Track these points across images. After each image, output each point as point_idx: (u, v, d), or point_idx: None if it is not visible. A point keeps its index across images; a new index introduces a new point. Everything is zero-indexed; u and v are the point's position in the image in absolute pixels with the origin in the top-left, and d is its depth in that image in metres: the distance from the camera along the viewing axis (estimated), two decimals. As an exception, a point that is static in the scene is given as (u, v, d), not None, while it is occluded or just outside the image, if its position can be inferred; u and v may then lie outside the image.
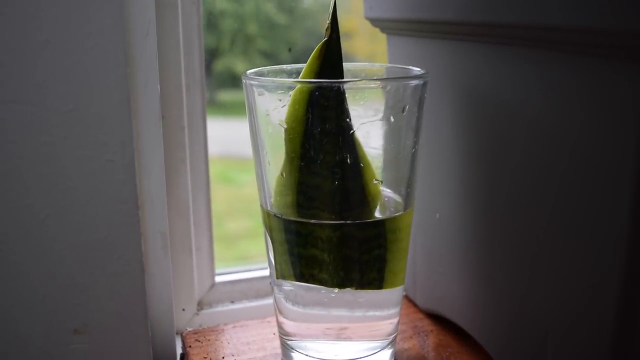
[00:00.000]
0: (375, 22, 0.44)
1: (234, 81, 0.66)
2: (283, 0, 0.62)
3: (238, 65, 0.67)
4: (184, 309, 0.46)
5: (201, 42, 0.45)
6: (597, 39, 0.24)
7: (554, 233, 0.30)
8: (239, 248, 0.66)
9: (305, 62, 0.34)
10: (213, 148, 0.48)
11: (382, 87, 0.32)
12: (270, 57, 0.64)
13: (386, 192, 0.37)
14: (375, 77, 0.37)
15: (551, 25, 0.26)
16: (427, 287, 0.43)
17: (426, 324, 0.43)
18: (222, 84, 0.67)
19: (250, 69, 0.36)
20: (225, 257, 0.56)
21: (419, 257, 0.44)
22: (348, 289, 0.35)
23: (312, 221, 0.34)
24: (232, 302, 0.49)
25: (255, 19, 0.63)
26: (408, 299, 0.46)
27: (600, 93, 0.25)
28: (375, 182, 0.34)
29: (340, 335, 0.37)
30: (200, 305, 0.48)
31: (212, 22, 0.61)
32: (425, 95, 0.35)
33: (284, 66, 0.38)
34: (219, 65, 0.65)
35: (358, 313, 0.37)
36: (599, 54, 0.25)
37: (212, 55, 0.63)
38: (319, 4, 0.65)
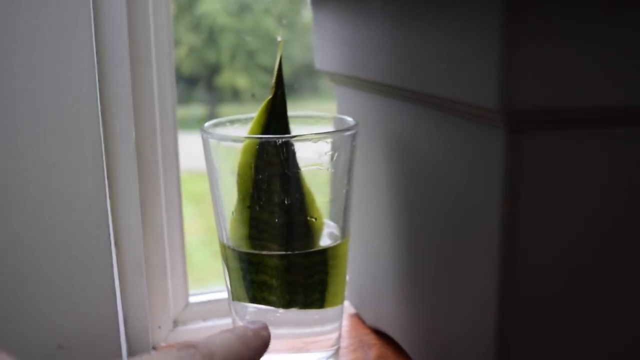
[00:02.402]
0: (323, 73, 0.50)
1: (235, 95, 0.68)
2: (282, 15, 0.65)
3: (239, 80, 0.70)
4: (160, 327, 0.52)
5: (174, 91, 0.51)
6: (464, 107, 0.31)
7: (450, 262, 0.36)
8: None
9: (265, 106, 0.40)
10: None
11: (313, 141, 0.38)
12: (271, 72, 0.67)
13: (330, 224, 0.43)
14: (310, 133, 0.43)
15: (433, 94, 0.33)
16: (371, 306, 0.50)
17: (371, 339, 0.49)
18: (222, 99, 0.69)
19: (252, 83, 0.42)
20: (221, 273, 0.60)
21: (364, 280, 0.50)
22: (293, 309, 0.42)
23: (263, 252, 0.41)
24: (204, 320, 0.55)
25: (255, 34, 0.65)
26: (358, 317, 0.53)
27: (477, 147, 0.32)
28: (310, 218, 0.40)
29: (288, 349, 0.43)
30: (176, 323, 0.54)
31: (212, 37, 0.64)
32: (355, 144, 0.41)
33: (240, 116, 0.45)
34: (220, 80, 0.68)
35: (303, 330, 0.43)
36: (471, 118, 0.32)
37: (213, 70, 0.67)
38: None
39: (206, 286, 0.58)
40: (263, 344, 0.33)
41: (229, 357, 0.30)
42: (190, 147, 0.54)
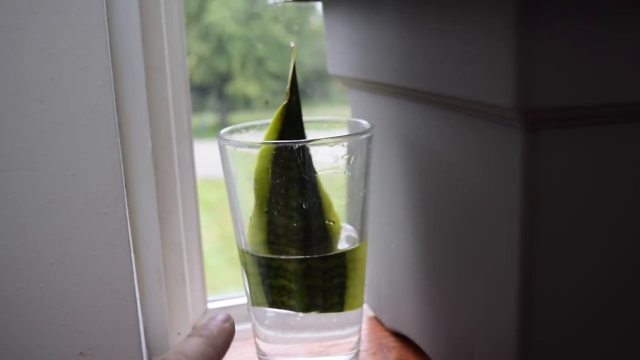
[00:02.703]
0: (336, 77, 0.50)
1: (246, 103, 0.68)
2: (291, 22, 0.65)
3: (249, 87, 0.70)
4: (179, 333, 0.52)
5: (188, 100, 0.52)
6: (480, 107, 0.31)
7: (470, 263, 0.36)
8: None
9: (280, 112, 0.40)
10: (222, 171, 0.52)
11: (329, 145, 0.39)
12: (281, 79, 0.67)
13: (347, 228, 0.43)
14: (328, 137, 0.43)
15: (449, 94, 0.33)
16: (389, 308, 0.50)
17: (390, 342, 0.49)
18: (233, 107, 0.69)
19: (262, 90, 0.43)
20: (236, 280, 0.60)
21: (383, 283, 0.50)
22: (313, 313, 0.42)
23: (282, 257, 0.41)
24: (223, 326, 0.55)
25: (264, 41, 0.66)
26: (377, 320, 0.52)
27: (493, 147, 0.32)
28: (328, 222, 0.40)
29: (308, 353, 0.43)
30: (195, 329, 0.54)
31: (222, 46, 0.65)
32: (371, 147, 0.41)
33: (256, 122, 0.45)
34: (231, 88, 0.68)
35: (323, 334, 0.43)
36: (487, 118, 0.32)
37: (223, 79, 0.67)
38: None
39: (222, 294, 0.58)
40: (228, 337, 0.39)
41: None
42: (203, 155, 0.54)
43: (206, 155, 0.55)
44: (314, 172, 0.39)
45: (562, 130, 0.29)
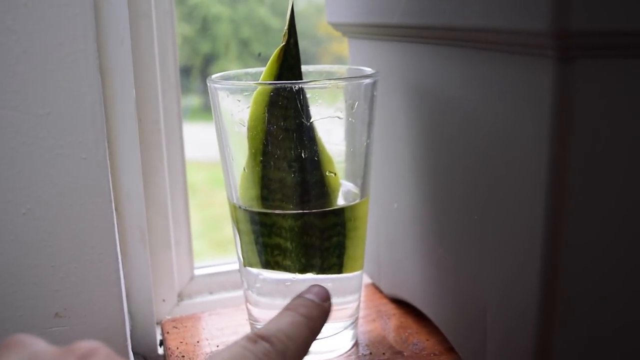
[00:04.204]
0: (336, 26, 0.47)
1: None
2: (276, 4, 0.63)
3: (233, 69, 0.69)
4: (164, 300, 0.49)
5: (175, 50, 0.48)
6: (507, 37, 0.28)
7: (486, 217, 0.33)
8: (233, 252, 0.68)
9: (277, 55, 0.37)
10: (208, 153, 0.49)
11: (331, 87, 0.35)
12: (266, 61, 0.65)
13: (346, 184, 0.39)
14: (329, 78, 0.40)
15: (470, 26, 0.29)
16: (389, 273, 0.46)
17: (389, 308, 0.46)
18: None
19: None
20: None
21: (382, 246, 0.47)
22: (309, 274, 0.38)
23: (276, 212, 0.37)
24: (211, 293, 0.52)
25: (249, 23, 0.64)
26: (375, 287, 0.49)
27: (519, 84, 0.29)
28: (328, 174, 0.37)
29: (304, 318, 0.40)
30: (181, 297, 0.51)
31: (206, 27, 0.62)
32: (375, 94, 0.38)
33: (249, 70, 0.41)
34: (215, 69, 0.66)
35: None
36: (513, 51, 0.28)
37: (207, 60, 0.65)
38: (313, 7, 0.67)
39: (209, 260, 0.55)
40: (324, 321, 0.32)
41: (300, 352, 0.29)
42: (186, 138, 0.50)
43: (189, 138, 0.51)
44: (314, 118, 0.36)
45: (601, 60, 0.26)
